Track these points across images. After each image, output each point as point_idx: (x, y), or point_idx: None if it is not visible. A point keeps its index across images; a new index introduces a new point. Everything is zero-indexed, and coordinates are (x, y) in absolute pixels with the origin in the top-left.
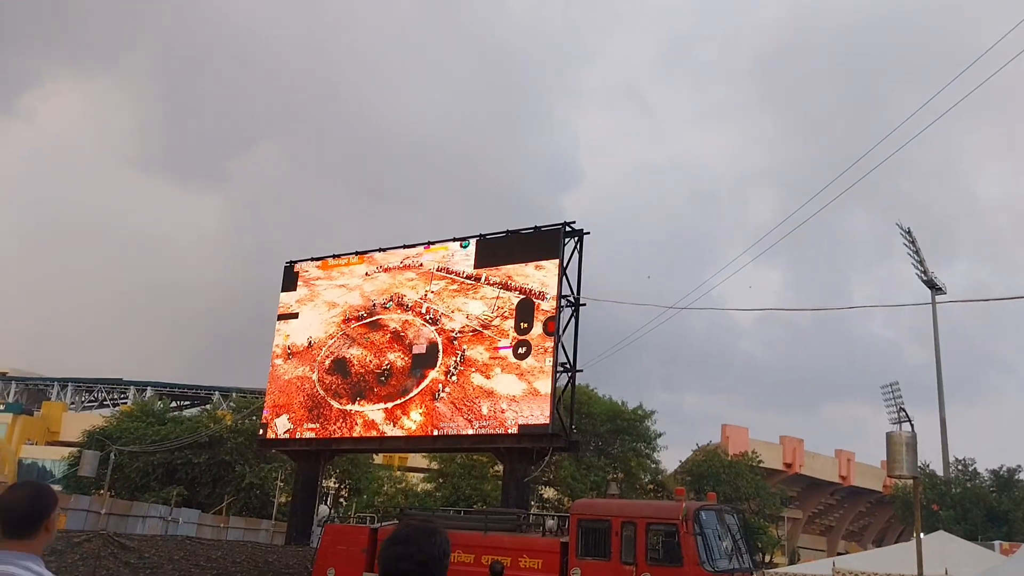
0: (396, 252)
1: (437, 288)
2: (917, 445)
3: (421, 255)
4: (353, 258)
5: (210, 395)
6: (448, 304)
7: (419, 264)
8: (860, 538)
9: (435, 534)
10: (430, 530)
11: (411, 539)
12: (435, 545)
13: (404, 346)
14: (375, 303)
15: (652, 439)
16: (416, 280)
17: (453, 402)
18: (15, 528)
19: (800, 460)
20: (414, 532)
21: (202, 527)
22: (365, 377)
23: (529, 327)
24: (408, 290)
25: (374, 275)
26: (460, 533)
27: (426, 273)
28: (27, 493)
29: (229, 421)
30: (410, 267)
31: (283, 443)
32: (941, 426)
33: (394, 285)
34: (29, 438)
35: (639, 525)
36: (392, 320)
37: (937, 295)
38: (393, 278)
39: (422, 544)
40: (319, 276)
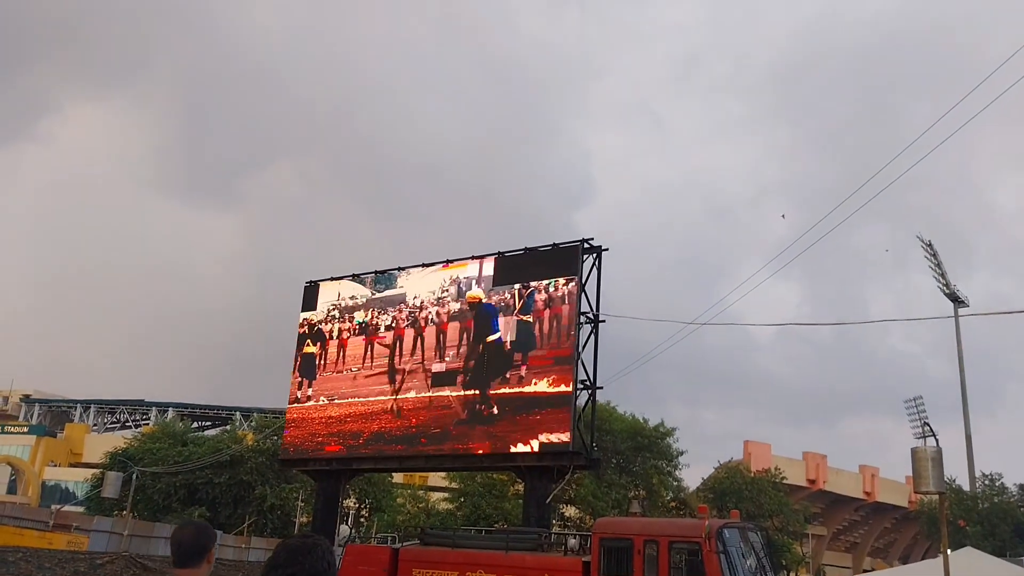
0: (415, 271)
1: (456, 306)
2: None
3: (440, 273)
4: (372, 276)
5: (231, 415)
6: (467, 322)
7: (438, 282)
8: (886, 555)
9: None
10: (308, 547)
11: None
12: (317, 560)
13: (424, 364)
14: (394, 322)
15: (674, 456)
16: (435, 298)
17: (473, 420)
18: (185, 559)
19: (824, 476)
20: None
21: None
22: (385, 395)
23: (549, 344)
24: (427, 308)
25: (393, 294)
26: (481, 552)
27: (445, 291)
28: (193, 530)
29: (251, 441)
30: (429, 285)
31: (303, 462)
32: (967, 440)
33: (413, 303)
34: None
35: (662, 544)
36: (411, 338)
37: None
38: (412, 296)
39: (303, 562)
40: (338, 295)
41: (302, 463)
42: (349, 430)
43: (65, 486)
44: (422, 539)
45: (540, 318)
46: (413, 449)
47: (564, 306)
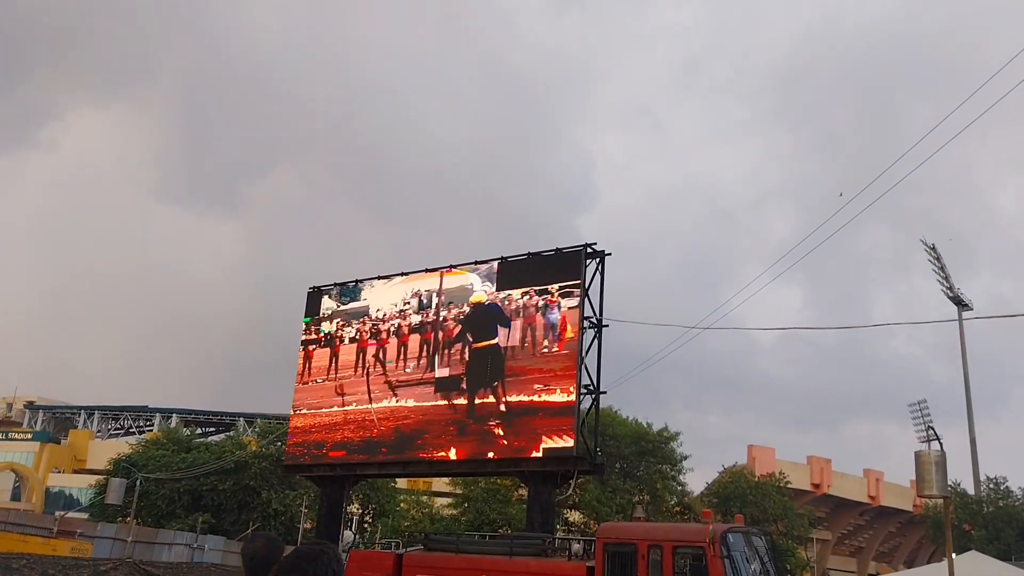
0: (418, 275)
1: (459, 311)
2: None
3: (443, 278)
4: (375, 282)
5: (235, 421)
6: (470, 326)
7: (441, 287)
8: (891, 559)
9: (321, 556)
10: (315, 553)
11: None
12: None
13: (426, 369)
14: (397, 326)
15: (678, 461)
16: (438, 303)
17: (476, 425)
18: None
19: (828, 480)
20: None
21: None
22: (389, 400)
23: (552, 349)
24: (430, 313)
25: (396, 299)
26: (485, 558)
27: (448, 296)
28: (264, 543)
29: (254, 447)
30: (432, 290)
31: (307, 468)
32: (971, 444)
33: (416, 308)
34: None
35: (666, 548)
36: (414, 343)
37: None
38: (415, 301)
39: (308, 569)
40: (341, 301)
41: (306, 469)
42: (353, 436)
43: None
44: (426, 544)
45: (543, 323)
46: (416, 454)
47: (567, 311)
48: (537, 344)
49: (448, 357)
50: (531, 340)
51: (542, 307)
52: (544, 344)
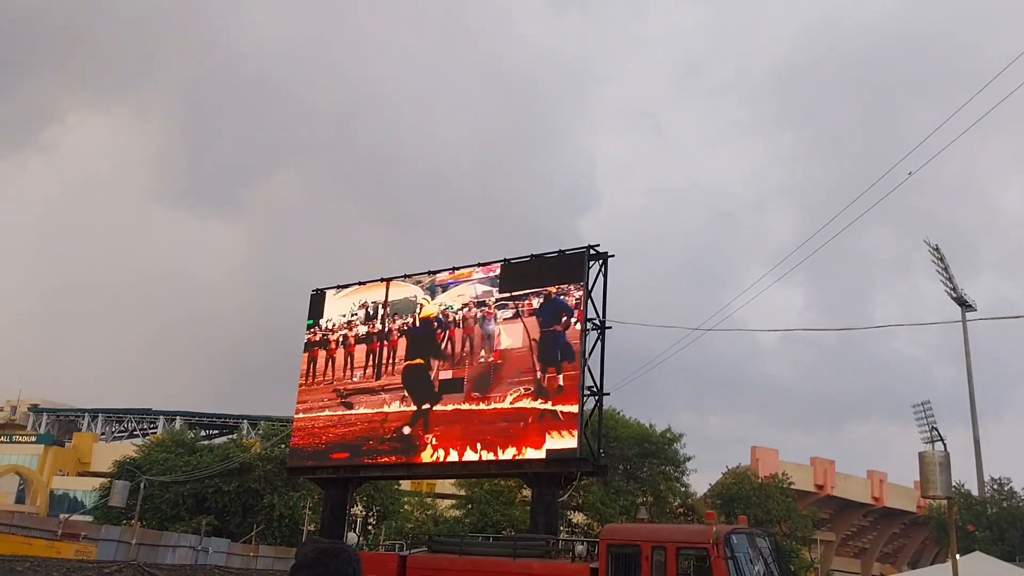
0: (421, 277)
1: (462, 313)
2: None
3: (446, 280)
4: (378, 284)
5: (238, 424)
6: (473, 328)
7: (444, 289)
8: (895, 560)
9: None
10: (336, 550)
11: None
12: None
13: (430, 372)
14: (400, 329)
15: (681, 463)
16: (441, 305)
17: (479, 426)
18: None
19: (832, 481)
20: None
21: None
22: (391, 403)
23: (555, 351)
24: (433, 316)
25: (399, 301)
26: (489, 559)
27: (451, 298)
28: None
29: (258, 449)
30: (435, 292)
31: (311, 470)
32: (975, 445)
33: (419, 310)
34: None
35: (669, 550)
36: (417, 345)
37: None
38: (418, 303)
39: (328, 565)
40: (344, 303)
41: (309, 471)
42: (356, 438)
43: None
44: (430, 546)
45: (546, 325)
46: (419, 456)
47: (570, 313)
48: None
49: (451, 360)
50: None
51: (545, 309)
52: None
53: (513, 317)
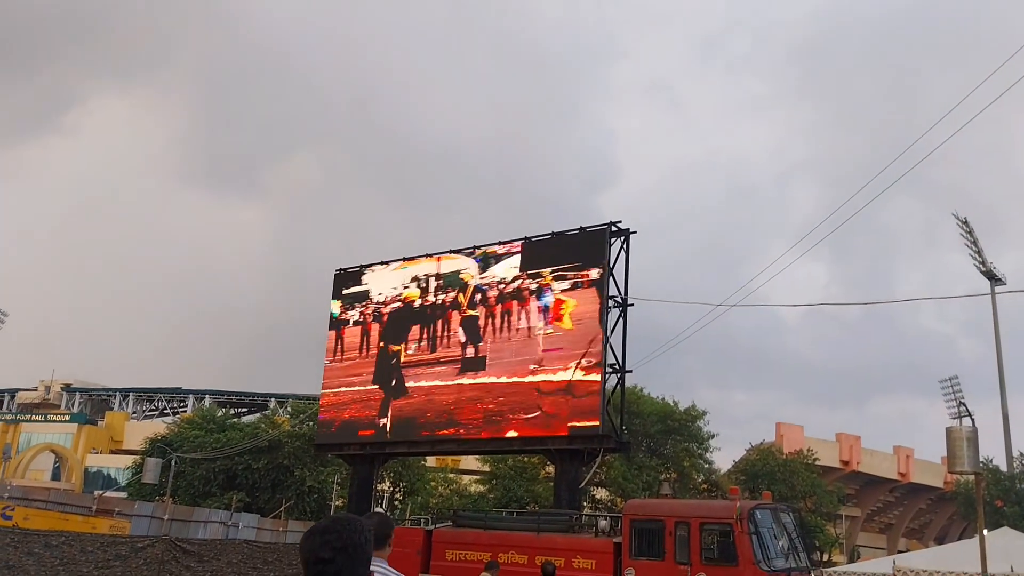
0: (443, 256)
1: (485, 291)
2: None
3: (468, 259)
4: (401, 263)
5: (267, 402)
6: (496, 307)
7: (466, 268)
8: (921, 536)
9: (355, 522)
10: (350, 519)
11: (330, 529)
12: (355, 533)
13: (453, 349)
14: (423, 307)
15: (704, 439)
16: (464, 283)
17: (504, 403)
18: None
19: (857, 457)
20: (334, 522)
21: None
22: (417, 379)
23: (578, 328)
24: (456, 294)
25: (422, 280)
26: (513, 534)
27: (474, 276)
28: (378, 519)
29: (287, 427)
30: (457, 271)
31: (338, 447)
32: (1004, 420)
33: (441, 289)
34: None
35: (693, 525)
36: (440, 324)
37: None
38: (440, 282)
39: (341, 532)
40: (368, 282)
41: (337, 447)
42: (381, 415)
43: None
44: (455, 521)
45: (568, 302)
46: (445, 433)
47: (592, 290)
48: (562, 323)
49: (474, 338)
50: (556, 319)
51: (567, 286)
52: (569, 324)
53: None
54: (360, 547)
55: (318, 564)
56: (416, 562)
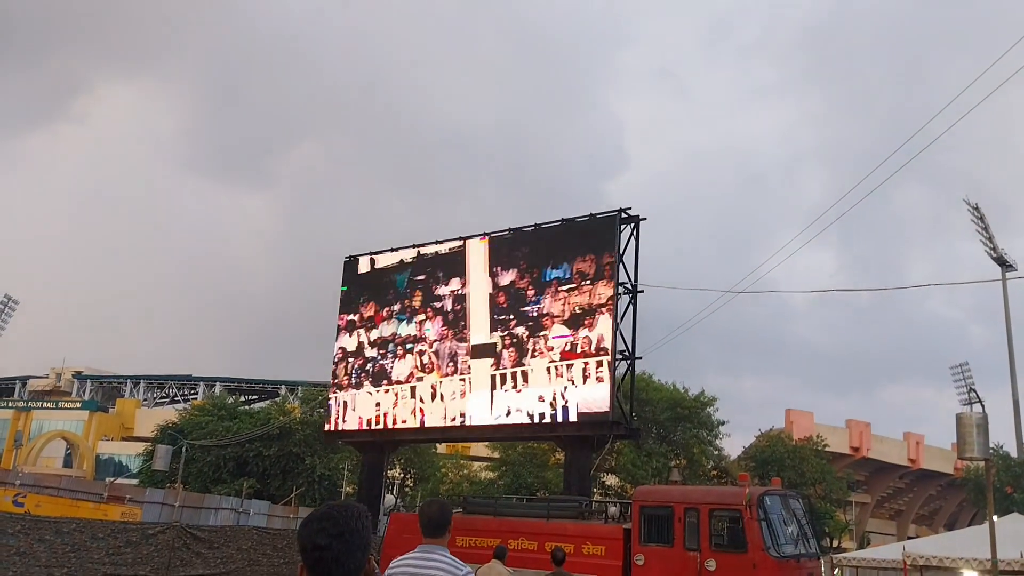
0: (452, 243)
1: (494, 278)
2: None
3: (477, 245)
4: (410, 250)
5: (277, 389)
6: (505, 293)
7: (475, 254)
8: (931, 522)
9: (352, 509)
10: (348, 506)
11: (327, 516)
12: (352, 519)
13: (464, 336)
14: (433, 294)
15: (714, 426)
16: (473, 270)
17: (513, 390)
18: (432, 530)
19: (867, 444)
20: (331, 509)
21: (272, 518)
22: (427, 367)
23: (587, 315)
24: (465, 280)
25: (431, 266)
26: (523, 520)
27: (483, 263)
28: (439, 507)
29: (297, 414)
30: (466, 257)
31: (348, 434)
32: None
33: (451, 275)
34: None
35: (702, 511)
36: (451, 310)
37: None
38: (450, 269)
39: (338, 519)
40: (378, 269)
41: (347, 435)
42: (391, 403)
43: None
44: (465, 507)
45: (578, 288)
46: (454, 419)
47: (602, 276)
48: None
49: (483, 325)
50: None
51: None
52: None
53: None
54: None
55: (316, 551)
56: None
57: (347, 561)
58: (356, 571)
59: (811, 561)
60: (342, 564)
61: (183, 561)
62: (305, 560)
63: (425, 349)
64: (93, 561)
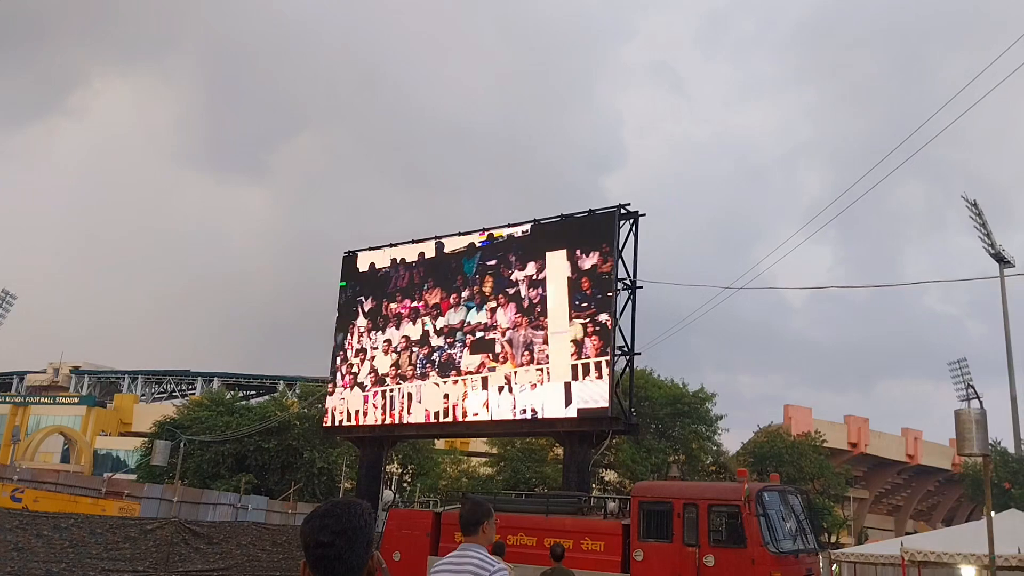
0: (452, 238)
1: (493, 274)
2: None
3: (476, 240)
4: (410, 245)
5: (275, 384)
6: (505, 289)
7: (476, 249)
8: (929, 517)
9: (354, 506)
10: (350, 503)
11: (330, 512)
12: (355, 517)
13: (463, 331)
14: (432, 290)
15: (713, 422)
16: (473, 265)
17: (513, 386)
18: (466, 528)
19: (865, 439)
20: (334, 506)
21: (271, 513)
22: (425, 363)
23: (586, 310)
24: (466, 276)
25: (431, 261)
26: (522, 516)
27: (483, 258)
28: (471, 506)
29: (295, 409)
30: (467, 252)
31: (347, 430)
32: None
33: (451, 271)
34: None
35: (701, 507)
36: (450, 306)
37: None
38: (451, 264)
39: (340, 516)
40: (376, 264)
41: (345, 430)
42: (391, 397)
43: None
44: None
45: (577, 284)
46: (453, 415)
47: (601, 272)
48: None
49: (482, 320)
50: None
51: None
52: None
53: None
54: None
55: (318, 547)
56: (425, 544)
57: (350, 558)
58: (359, 568)
59: (809, 557)
60: (345, 561)
61: (182, 557)
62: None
63: (423, 343)
64: (91, 556)
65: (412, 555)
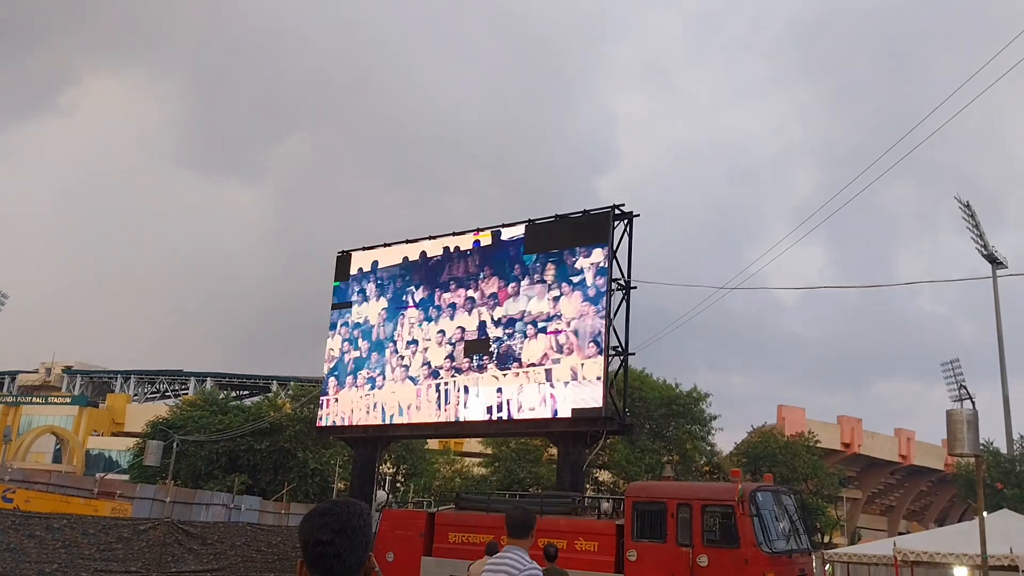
0: (446, 239)
1: (488, 274)
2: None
3: (471, 241)
4: (404, 246)
5: (268, 384)
6: (499, 289)
7: (469, 250)
8: (922, 517)
9: (354, 506)
10: (350, 502)
11: (330, 511)
12: (354, 516)
13: (457, 332)
14: (426, 290)
15: (707, 422)
16: (467, 265)
17: (505, 387)
18: (514, 531)
19: (859, 440)
20: (333, 505)
21: (264, 514)
22: (419, 363)
23: (580, 310)
24: (459, 276)
25: (425, 262)
26: None
27: (477, 259)
28: (522, 512)
29: (288, 409)
30: (460, 253)
31: (340, 430)
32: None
33: (445, 271)
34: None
35: (694, 507)
36: (444, 306)
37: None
38: (444, 264)
39: (340, 515)
40: (370, 264)
41: (339, 431)
42: (383, 398)
43: (108, 455)
44: (457, 503)
45: (572, 285)
46: (447, 415)
47: (595, 272)
48: (566, 306)
49: (477, 320)
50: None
51: (570, 269)
52: (573, 306)
53: (539, 277)
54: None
55: (317, 546)
56: (419, 544)
57: (349, 556)
58: (357, 567)
59: (803, 557)
60: (343, 560)
61: (175, 557)
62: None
63: (418, 343)
64: (84, 557)
65: (406, 555)
